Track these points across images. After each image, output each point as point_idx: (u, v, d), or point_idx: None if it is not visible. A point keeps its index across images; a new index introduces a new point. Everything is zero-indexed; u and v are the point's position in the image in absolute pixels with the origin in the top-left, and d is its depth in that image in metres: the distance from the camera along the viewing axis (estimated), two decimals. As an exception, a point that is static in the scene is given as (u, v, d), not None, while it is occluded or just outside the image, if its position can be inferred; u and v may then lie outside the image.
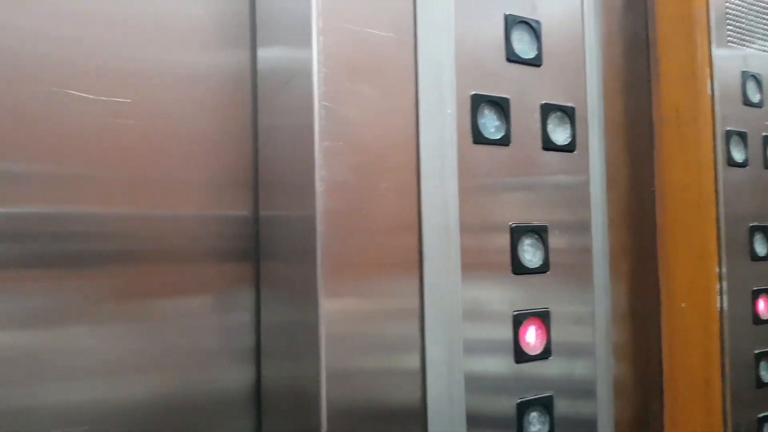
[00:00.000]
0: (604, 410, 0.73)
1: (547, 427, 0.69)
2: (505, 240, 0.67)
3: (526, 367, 0.68)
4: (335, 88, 0.58)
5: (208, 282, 0.65)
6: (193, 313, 0.64)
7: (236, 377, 0.66)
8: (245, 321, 0.66)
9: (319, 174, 0.57)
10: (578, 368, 0.72)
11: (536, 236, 0.69)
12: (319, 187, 0.57)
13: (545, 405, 0.69)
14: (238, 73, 0.67)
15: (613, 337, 0.81)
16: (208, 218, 0.65)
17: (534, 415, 0.68)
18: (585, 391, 0.73)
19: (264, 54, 0.66)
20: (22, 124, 0.57)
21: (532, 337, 0.68)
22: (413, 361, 0.62)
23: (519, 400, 0.67)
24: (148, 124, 0.62)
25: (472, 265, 0.65)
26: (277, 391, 0.64)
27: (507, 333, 0.67)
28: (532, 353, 0.68)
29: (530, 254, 0.68)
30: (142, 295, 0.62)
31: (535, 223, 0.69)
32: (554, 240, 0.70)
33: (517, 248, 0.67)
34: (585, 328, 0.73)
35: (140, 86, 0.62)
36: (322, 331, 0.57)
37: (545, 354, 0.69)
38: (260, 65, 0.66)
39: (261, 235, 0.66)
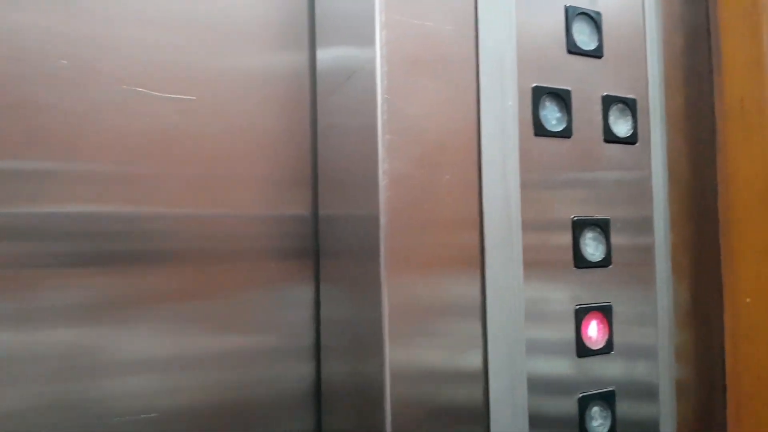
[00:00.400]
0: (665, 405, 0.72)
1: (609, 422, 0.68)
2: (566, 234, 0.66)
3: (588, 362, 0.67)
4: (397, 82, 0.59)
5: (269, 280, 0.66)
6: (254, 310, 0.65)
7: (296, 374, 0.67)
8: (305, 319, 0.67)
9: (382, 167, 0.58)
10: (640, 364, 0.71)
11: (598, 229, 0.68)
12: (382, 180, 0.58)
13: (607, 400, 0.68)
14: (297, 73, 0.68)
15: (674, 333, 0.80)
16: (270, 217, 0.67)
17: (596, 410, 0.67)
18: (647, 385, 0.72)
19: (323, 53, 0.67)
20: (94, 125, 0.59)
21: (594, 331, 0.68)
22: (475, 360, 0.61)
23: (581, 395, 0.66)
24: (212, 123, 0.64)
25: (534, 259, 0.64)
26: (338, 388, 0.65)
27: (569, 327, 0.66)
28: (594, 347, 0.67)
29: (592, 248, 0.68)
30: (204, 293, 0.63)
31: (597, 216, 0.68)
32: (616, 234, 0.69)
33: (579, 242, 0.67)
34: (647, 324, 0.72)
35: (204, 86, 0.64)
36: (386, 328, 0.57)
37: (607, 348, 0.68)
38: (319, 64, 0.67)
39: (321, 233, 0.67)
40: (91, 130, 0.59)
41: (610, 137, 0.70)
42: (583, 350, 0.67)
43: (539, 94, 0.65)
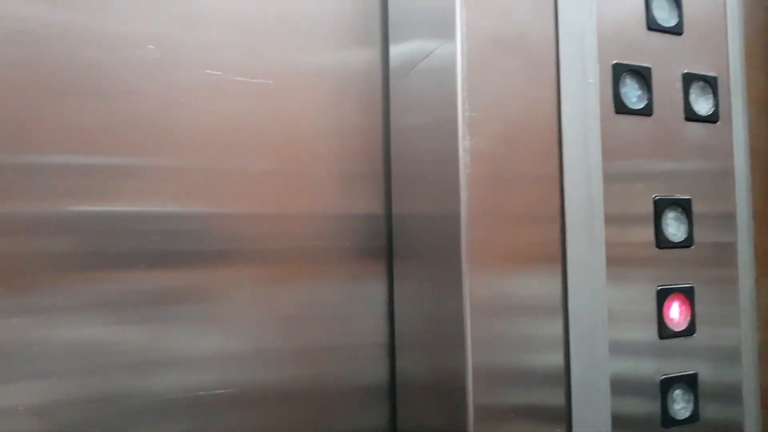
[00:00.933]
0: (748, 383, 0.70)
1: (691, 406, 0.66)
2: (647, 213, 0.65)
3: (670, 344, 0.66)
4: (477, 60, 0.59)
5: (342, 278, 0.68)
6: (327, 308, 0.67)
7: (370, 370, 0.68)
8: (378, 316, 0.68)
9: (463, 144, 0.58)
10: (723, 350, 0.69)
11: (680, 209, 0.67)
12: (464, 157, 0.58)
13: (689, 383, 0.67)
14: (369, 68, 0.69)
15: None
16: (342, 215, 0.68)
17: (678, 393, 0.66)
18: (729, 372, 0.70)
19: (397, 47, 0.67)
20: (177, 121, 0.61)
21: (676, 312, 0.66)
22: (557, 359, 0.61)
23: (663, 377, 0.65)
24: (286, 119, 0.65)
25: (615, 239, 0.63)
26: (414, 385, 0.66)
27: (650, 308, 0.65)
28: (677, 329, 0.66)
29: (674, 228, 0.66)
30: (280, 292, 0.65)
31: (679, 195, 0.67)
32: (698, 214, 0.68)
33: (660, 221, 0.65)
34: (729, 307, 0.70)
35: (278, 82, 0.65)
36: (468, 327, 0.57)
37: (689, 331, 0.67)
38: (393, 58, 0.68)
39: (395, 230, 0.68)
40: (176, 125, 0.61)
41: (691, 115, 0.68)
42: (665, 332, 0.65)
43: (620, 71, 0.64)
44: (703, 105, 0.69)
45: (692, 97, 0.68)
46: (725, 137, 0.71)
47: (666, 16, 0.68)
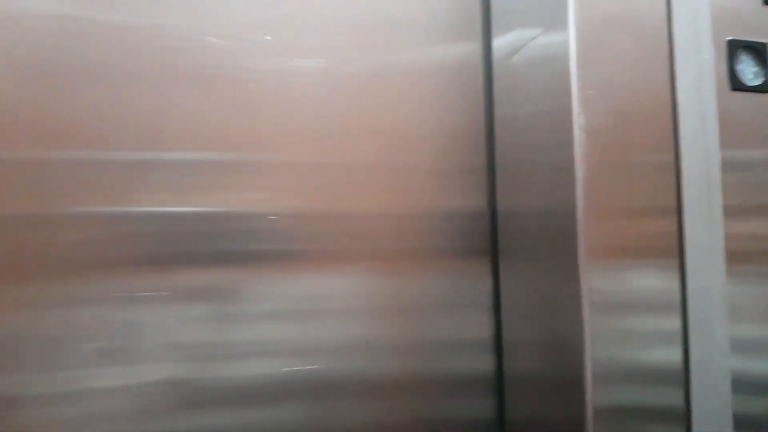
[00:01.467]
0: None
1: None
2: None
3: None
4: (590, 39, 0.58)
5: (447, 275, 0.68)
6: (435, 304, 0.67)
7: (475, 363, 0.68)
8: (484, 311, 0.68)
9: (578, 121, 0.57)
10: None
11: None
12: (578, 134, 0.57)
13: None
14: (469, 62, 0.69)
15: None
16: (447, 212, 0.68)
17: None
18: None
19: (501, 35, 0.68)
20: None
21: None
22: (675, 357, 0.59)
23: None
24: (388, 114, 0.66)
25: (736, 231, 0.61)
26: (523, 379, 0.65)
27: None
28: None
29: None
30: (387, 289, 0.65)
31: (802, 176, 0.64)
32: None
33: (785, 203, 0.63)
34: None
35: (379, 77, 0.66)
36: (587, 324, 0.56)
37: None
38: (496, 45, 0.68)
39: (500, 226, 0.67)
40: (289, 120, 0.63)
41: (808, 93, 0.66)
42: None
43: (735, 47, 0.62)
44: (820, 83, 0.67)
45: (810, 74, 0.66)
46: None
47: (780, -8, 0.66)
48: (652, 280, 0.59)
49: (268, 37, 0.62)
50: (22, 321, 0.54)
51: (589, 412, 0.56)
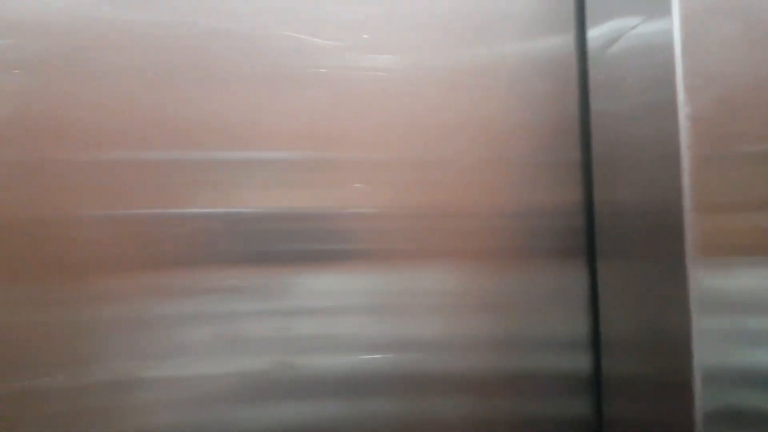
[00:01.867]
0: None
1: None
2: None
3: None
4: (694, 30, 0.56)
5: (542, 274, 0.67)
6: (530, 302, 0.67)
7: (572, 362, 0.67)
8: (580, 310, 0.67)
9: (683, 111, 0.55)
10: None
11: None
12: (684, 123, 0.55)
13: None
14: (562, 54, 0.68)
15: None
16: (542, 211, 0.67)
17: None
18: None
19: (596, 25, 0.66)
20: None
21: None
22: None
23: None
24: (478, 111, 0.66)
25: None
26: (623, 380, 0.63)
27: None
28: None
29: None
30: (481, 286, 0.65)
31: None
32: None
33: None
34: None
35: (466, 73, 0.66)
36: (694, 325, 0.54)
37: None
38: (591, 36, 0.67)
39: (597, 223, 0.66)
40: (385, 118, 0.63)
41: None
42: None
43: None
44: None
45: None
46: None
47: None
48: (763, 279, 0.56)
49: (365, 36, 0.63)
50: (141, 309, 0.58)
51: (698, 416, 0.53)
